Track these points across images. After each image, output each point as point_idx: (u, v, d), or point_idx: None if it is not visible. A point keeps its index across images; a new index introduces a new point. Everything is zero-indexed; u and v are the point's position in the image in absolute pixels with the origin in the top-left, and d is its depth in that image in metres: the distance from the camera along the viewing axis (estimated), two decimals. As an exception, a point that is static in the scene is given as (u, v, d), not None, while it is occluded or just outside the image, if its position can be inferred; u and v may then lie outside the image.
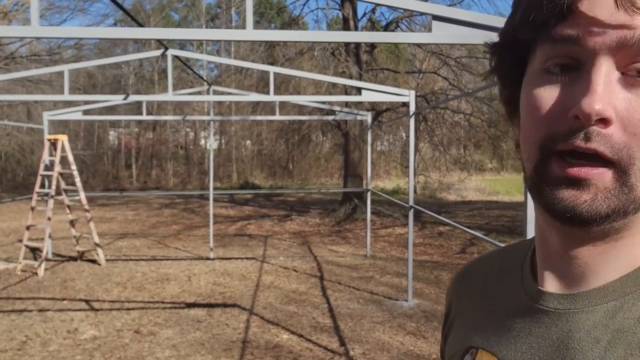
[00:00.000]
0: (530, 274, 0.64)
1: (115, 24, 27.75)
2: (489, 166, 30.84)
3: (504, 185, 24.56)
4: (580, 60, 0.50)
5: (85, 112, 11.30)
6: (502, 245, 3.52)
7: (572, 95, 0.49)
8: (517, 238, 10.49)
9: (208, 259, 9.46)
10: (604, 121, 0.48)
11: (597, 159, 0.49)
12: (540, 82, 0.53)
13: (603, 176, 0.49)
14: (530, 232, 2.86)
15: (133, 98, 7.87)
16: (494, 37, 0.61)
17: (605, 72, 0.48)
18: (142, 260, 9.41)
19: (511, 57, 0.58)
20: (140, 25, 5.45)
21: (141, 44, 27.32)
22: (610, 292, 0.54)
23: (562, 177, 0.50)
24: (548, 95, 0.52)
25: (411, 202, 6.55)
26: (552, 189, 0.51)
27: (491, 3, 33.79)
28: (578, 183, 0.50)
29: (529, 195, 2.94)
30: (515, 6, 0.56)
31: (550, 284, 0.59)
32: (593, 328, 0.53)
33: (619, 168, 0.49)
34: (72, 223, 9.50)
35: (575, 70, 0.50)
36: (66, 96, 6.70)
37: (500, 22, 3.14)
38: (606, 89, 0.48)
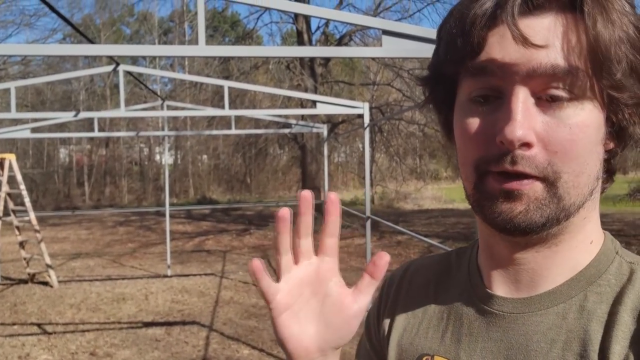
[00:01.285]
0: (479, 278, 0.66)
1: (64, 39, 27.08)
2: (444, 175, 31.46)
3: (460, 193, 24.66)
4: (499, 89, 0.55)
5: (34, 130, 10.95)
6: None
7: (496, 122, 0.54)
8: (472, 244, 10.73)
9: (165, 276, 9.28)
10: (527, 144, 0.53)
11: (527, 177, 0.54)
12: (468, 112, 0.58)
13: (533, 187, 0.54)
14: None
15: (84, 115, 7.69)
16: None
17: (522, 100, 0.53)
18: (96, 280, 9.15)
19: (442, 89, 0.63)
20: (90, 41, 5.35)
21: (92, 59, 26.74)
22: (558, 295, 0.59)
23: (498, 191, 0.55)
24: (476, 122, 0.57)
25: (368, 213, 6.62)
26: (490, 203, 0.56)
27: (441, 17, 34.65)
28: (512, 195, 0.55)
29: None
30: (438, 40, 0.61)
31: (500, 289, 0.63)
32: (548, 330, 0.57)
33: (547, 182, 0.54)
34: (21, 244, 9.17)
35: (497, 98, 0.56)
36: (13, 114, 6.49)
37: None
38: (525, 115, 0.53)
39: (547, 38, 0.52)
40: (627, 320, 0.54)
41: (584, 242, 0.60)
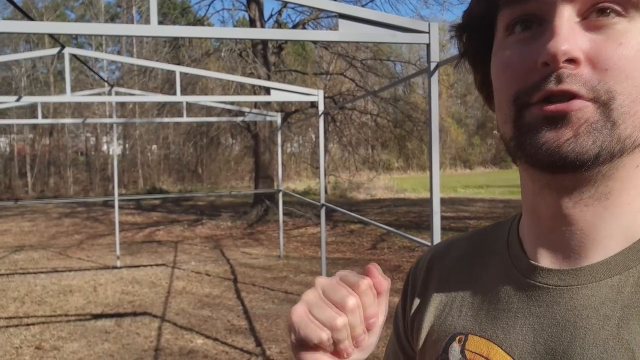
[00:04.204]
0: (521, 250, 0.60)
1: (2, 21, 25.84)
2: (396, 165, 31.96)
3: (411, 183, 25.54)
4: (540, 15, 0.50)
5: (-28, 116, 10.43)
6: (413, 238, 3.61)
7: (539, 47, 0.49)
8: (423, 232, 10.94)
9: (115, 267, 9.04)
10: (573, 62, 0.47)
11: (576, 97, 0.48)
12: (506, 45, 0.53)
13: (583, 109, 0.48)
14: (436, 227, 2.99)
15: (28, 99, 7.36)
16: (398, 36, 0.63)
17: (566, 18, 0.48)
18: (41, 273, 8.82)
19: (478, 38, 0.57)
20: (32, 20, 5.11)
21: (34, 44, 25.63)
22: (613, 266, 0.52)
23: (541, 118, 0.49)
24: (514, 53, 0.51)
25: (322, 201, 6.63)
26: (532, 135, 0.50)
27: (393, 7, 34.99)
28: (558, 120, 0.48)
29: (434, 191, 3.08)
30: None
31: (546, 259, 0.56)
32: (601, 305, 0.51)
33: (600, 103, 0.48)
34: (-41, 236, 8.73)
35: (537, 26, 0.50)
36: (-51, 98, 6.14)
37: (402, 22, 3.26)
38: (570, 32, 0.48)
39: None
40: None
41: (637, 200, 0.53)
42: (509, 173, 30.46)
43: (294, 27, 15.86)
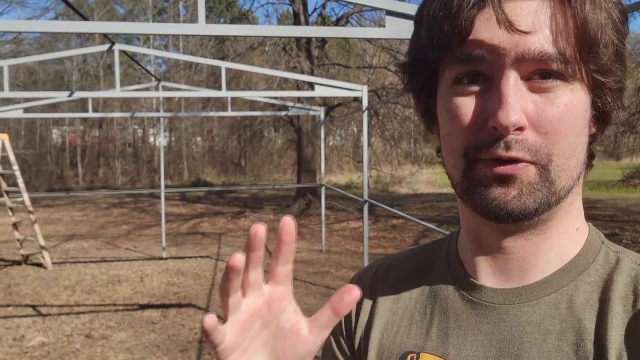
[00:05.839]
0: (463, 270, 0.64)
1: (56, 18, 26.75)
2: (439, 160, 31.48)
3: (454, 178, 25.07)
4: (489, 74, 0.54)
5: (27, 110, 10.83)
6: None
7: (487, 106, 0.53)
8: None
9: (161, 258, 9.25)
10: (520, 128, 0.52)
11: (520, 161, 0.53)
12: (456, 96, 0.56)
13: (527, 171, 0.53)
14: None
15: (79, 95, 7.60)
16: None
17: (513, 83, 0.52)
18: (91, 262, 9.11)
19: (423, 75, 0.60)
20: (85, 18, 5.25)
21: (85, 39, 26.42)
22: (549, 285, 0.58)
23: (491, 177, 0.54)
24: (465, 106, 0.55)
25: (366, 196, 6.60)
26: (483, 190, 0.54)
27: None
28: (506, 180, 0.53)
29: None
30: (417, 25, 0.59)
31: (489, 279, 0.61)
32: (542, 320, 0.56)
33: (540, 166, 0.53)
34: (15, 226, 9.10)
35: (484, 82, 0.54)
36: (6, 93, 6.39)
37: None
38: (516, 98, 0.51)
39: (534, 23, 0.51)
40: (618, 309, 0.54)
41: (571, 229, 0.60)
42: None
43: (338, 20, 15.80)
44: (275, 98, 9.92)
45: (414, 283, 0.69)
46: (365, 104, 6.55)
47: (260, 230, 0.51)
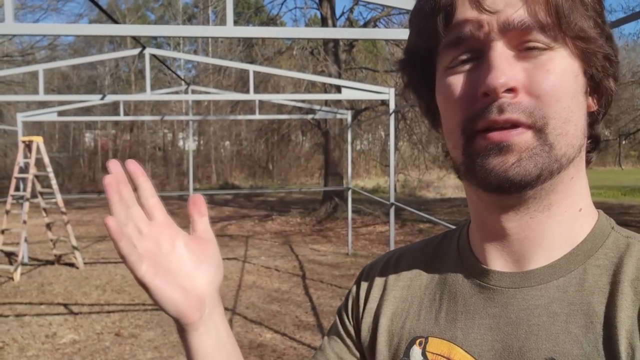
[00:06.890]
0: (473, 256, 0.65)
1: (90, 24, 27.33)
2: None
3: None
4: (479, 50, 0.55)
5: (60, 113, 11.10)
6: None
7: (478, 78, 0.54)
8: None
9: (189, 260, 9.36)
10: (511, 91, 0.53)
11: (516, 127, 0.54)
12: (449, 76, 0.58)
13: (523, 136, 0.53)
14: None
15: (111, 98, 7.76)
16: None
17: (500, 51, 0.54)
18: (121, 262, 9.25)
19: (420, 70, 0.63)
20: (117, 23, 5.37)
21: (117, 44, 26.98)
22: (557, 269, 0.58)
23: (487, 147, 0.54)
24: (457, 83, 0.57)
25: (392, 200, 6.57)
26: (481, 162, 0.55)
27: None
28: (502, 148, 0.54)
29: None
30: (411, 26, 0.63)
31: (496, 263, 0.61)
32: (550, 303, 0.57)
33: (536, 128, 0.54)
34: (48, 226, 9.33)
35: (476, 59, 0.56)
36: (41, 96, 6.58)
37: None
38: (505, 64, 0.53)
39: (506, 1, 0.53)
40: (628, 291, 0.54)
41: (573, 207, 0.59)
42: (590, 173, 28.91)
43: (365, 24, 15.79)
44: (303, 101, 9.97)
45: (424, 271, 0.70)
46: (392, 106, 6.53)
47: (114, 167, 0.65)
